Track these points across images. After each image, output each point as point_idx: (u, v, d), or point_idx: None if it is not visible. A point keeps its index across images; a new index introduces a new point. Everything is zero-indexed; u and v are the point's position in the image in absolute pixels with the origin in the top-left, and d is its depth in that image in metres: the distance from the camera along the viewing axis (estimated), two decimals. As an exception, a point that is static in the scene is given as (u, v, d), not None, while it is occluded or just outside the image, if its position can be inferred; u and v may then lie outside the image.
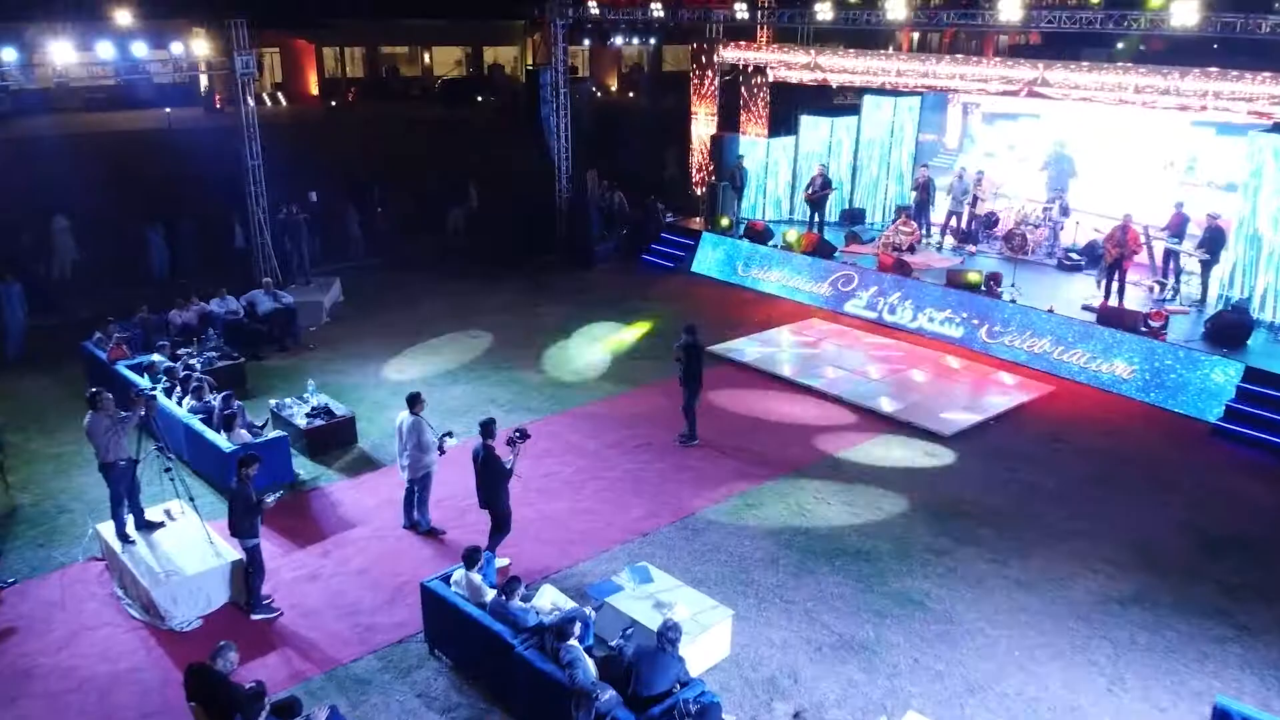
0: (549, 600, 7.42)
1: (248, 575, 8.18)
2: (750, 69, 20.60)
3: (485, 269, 19.25)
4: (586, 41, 45.24)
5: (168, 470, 8.78)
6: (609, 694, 6.24)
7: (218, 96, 48.22)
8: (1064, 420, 12.31)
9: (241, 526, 8.07)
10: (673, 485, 10.50)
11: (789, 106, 20.87)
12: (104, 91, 49.82)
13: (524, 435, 8.64)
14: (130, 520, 8.73)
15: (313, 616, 8.21)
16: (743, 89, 21.07)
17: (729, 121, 21.50)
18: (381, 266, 19.26)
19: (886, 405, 12.54)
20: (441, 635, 7.58)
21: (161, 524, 8.89)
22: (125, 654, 7.86)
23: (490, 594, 7.24)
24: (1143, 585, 8.81)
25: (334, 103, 47.39)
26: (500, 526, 8.66)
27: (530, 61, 57.32)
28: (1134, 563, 9.16)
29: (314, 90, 54.60)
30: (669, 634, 6.46)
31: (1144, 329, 13.26)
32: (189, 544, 8.56)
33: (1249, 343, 13.05)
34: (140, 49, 15.14)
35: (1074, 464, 11.15)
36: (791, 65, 19.33)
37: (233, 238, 18.21)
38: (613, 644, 6.87)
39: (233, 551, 8.42)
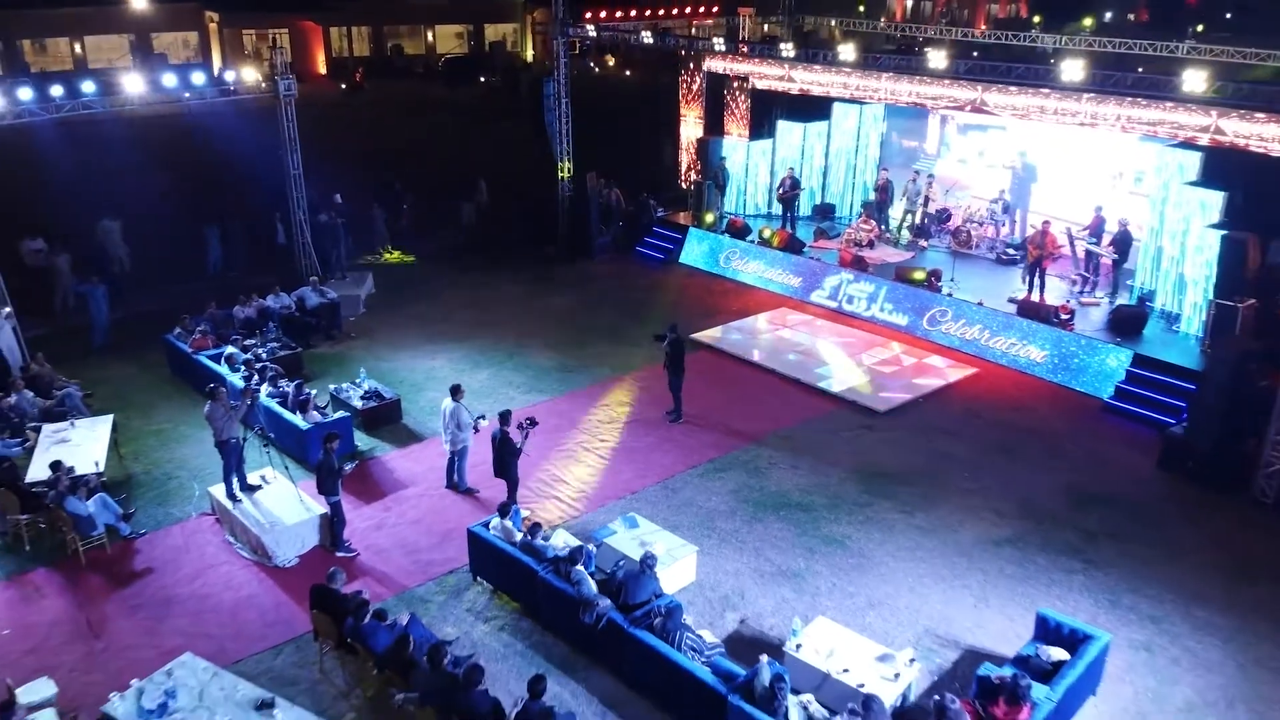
0: (562, 540, 10.01)
1: (332, 524, 10.79)
2: (733, 76, 22.84)
3: (497, 261, 21.68)
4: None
5: (267, 446, 11.36)
6: (605, 602, 8.85)
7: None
8: (983, 398, 14.89)
9: (327, 486, 10.67)
10: (658, 454, 13.08)
11: (768, 111, 23.17)
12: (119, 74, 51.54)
13: (533, 423, 11.18)
14: (236, 484, 11.30)
15: (382, 554, 10.82)
16: (726, 94, 23.34)
17: (714, 125, 23.80)
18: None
19: (835, 386, 15.09)
20: (482, 567, 10.20)
21: (259, 486, 11.47)
22: (244, 584, 10.49)
23: (519, 535, 9.84)
24: (1018, 530, 11.42)
25: (344, 85, 49.26)
26: (511, 490, 11.24)
27: (530, 37, 59.23)
28: (1015, 513, 11.77)
29: (322, 70, 56.42)
30: (648, 561, 9.07)
31: (1055, 320, 15.78)
32: (284, 501, 11.16)
33: (1144, 332, 15.59)
34: (199, 77, 17.51)
35: (984, 434, 13.74)
36: (768, 76, 21.57)
37: (275, 236, 20.69)
38: (608, 570, 9.47)
39: (318, 506, 11.01)
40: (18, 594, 10.47)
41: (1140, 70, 19.12)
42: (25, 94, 15.84)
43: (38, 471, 11.58)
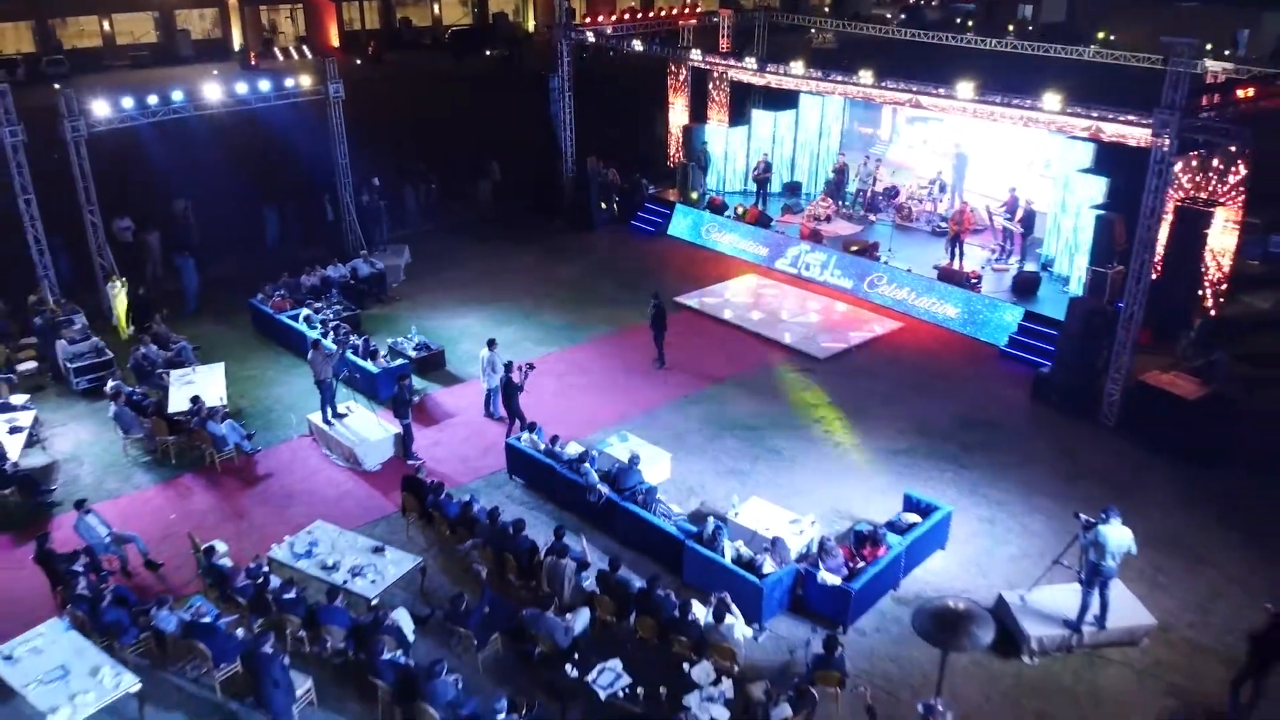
0: (573, 448, 13.86)
1: (404, 440, 14.67)
2: (714, 70, 26.26)
3: (510, 233, 25.33)
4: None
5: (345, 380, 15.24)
6: (604, 488, 12.74)
7: (252, 54, 53.37)
8: (904, 346, 18.73)
9: (400, 412, 14.54)
10: (644, 392, 16.91)
11: (744, 101, 26.65)
12: (147, 49, 54.93)
13: (531, 367, 14.99)
14: (330, 412, 15.16)
15: (441, 461, 14.69)
16: (709, 84, 26.77)
17: (698, 113, 27.31)
18: (433, 232, 25.35)
19: (788, 338, 18.90)
20: (516, 468, 14.10)
21: (346, 414, 15.33)
22: (342, 483, 14.41)
23: (542, 445, 13.72)
24: (912, 444, 15.30)
25: (359, 60, 52.28)
26: (514, 419, 14.98)
27: (531, 7, 62.04)
28: (913, 431, 15.64)
29: (335, 43, 59.35)
30: (633, 460, 12.95)
31: (967, 284, 19.53)
32: (366, 424, 15.04)
33: (1038, 293, 19.34)
34: (264, 85, 21.02)
35: (900, 375, 17.58)
36: (744, 71, 24.98)
37: (325, 214, 24.34)
38: (606, 468, 13.34)
39: (393, 427, 14.88)
40: (174, 492, 14.39)
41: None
42: (127, 103, 19.42)
43: (176, 404, 15.44)
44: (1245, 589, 12.05)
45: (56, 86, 44.93)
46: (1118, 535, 10.53)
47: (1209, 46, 22.43)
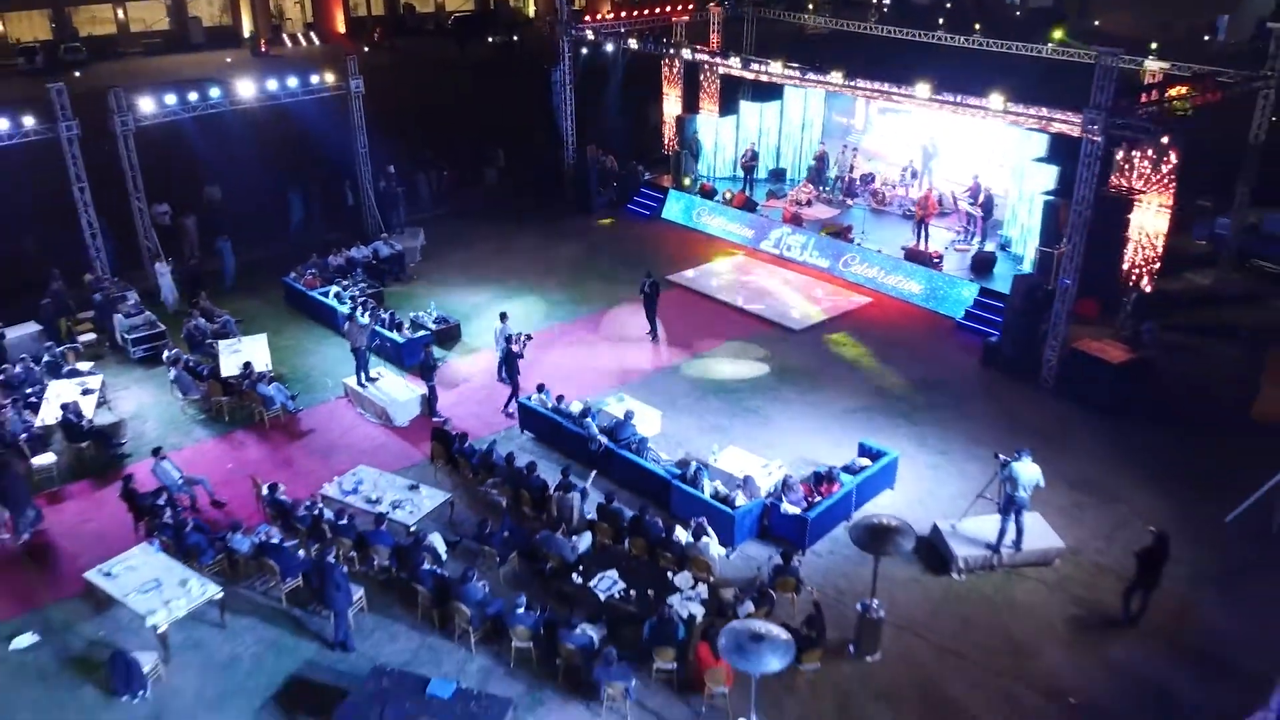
0: (577, 406, 15.98)
1: (430, 400, 16.81)
2: (705, 63, 28.19)
3: (515, 216, 27.35)
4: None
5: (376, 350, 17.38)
6: (603, 439, 14.89)
7: (262, 40, 55.14)
8: (872, 319, 20.86)
9: (426, 376, 16.68)
10: (638, 360, 19.04)
11: (734, 92, 28.61)
12: (160, 36, 56.65)
13: (529, 338, 17.11)
14: (363, 376, 17.30)
15: (461, 419, 16.79)
16: (701, 76, 28.69)
17: (690, 103, 29.27)
18: (445, 216, 27.37)
19: (768, 312, 21.01)
20: (528, 423, 16.26)
21: (377, 378, 17.46)
22: (377, 437, 16.57)
23: (550, 404, 15.86)
24: (872, 403, 17.44)
25: (366, 47, 53.95)
26: (515, 386, 17.08)
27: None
28: (873, 393, 17.79)
29: (341, 29, 61.00)
30: (628, 415, 15.10)
31: (930, 263, 21.62)
32: (396, 386, 17.18)
33: (994, 271, 21.43)
34: (292, 81, 22.97)
35: (866, 344, 19.72)
36: (728, 66, 26.88)
37: (345, 199, 26.36)
38: (605, 423, 15.47)
39: (419, 389, 17.03)
40: (229, 445, 16.54)
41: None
42: (170, 99, 21.41)
43: (228, 370, 17.56)
44: (1147, 521, 14.22)
45: (78, 74, 46.87)
46: (1028, 471, 12.72)
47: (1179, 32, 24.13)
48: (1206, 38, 49.15)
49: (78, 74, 46.93)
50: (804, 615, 11.60)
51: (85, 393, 17.05)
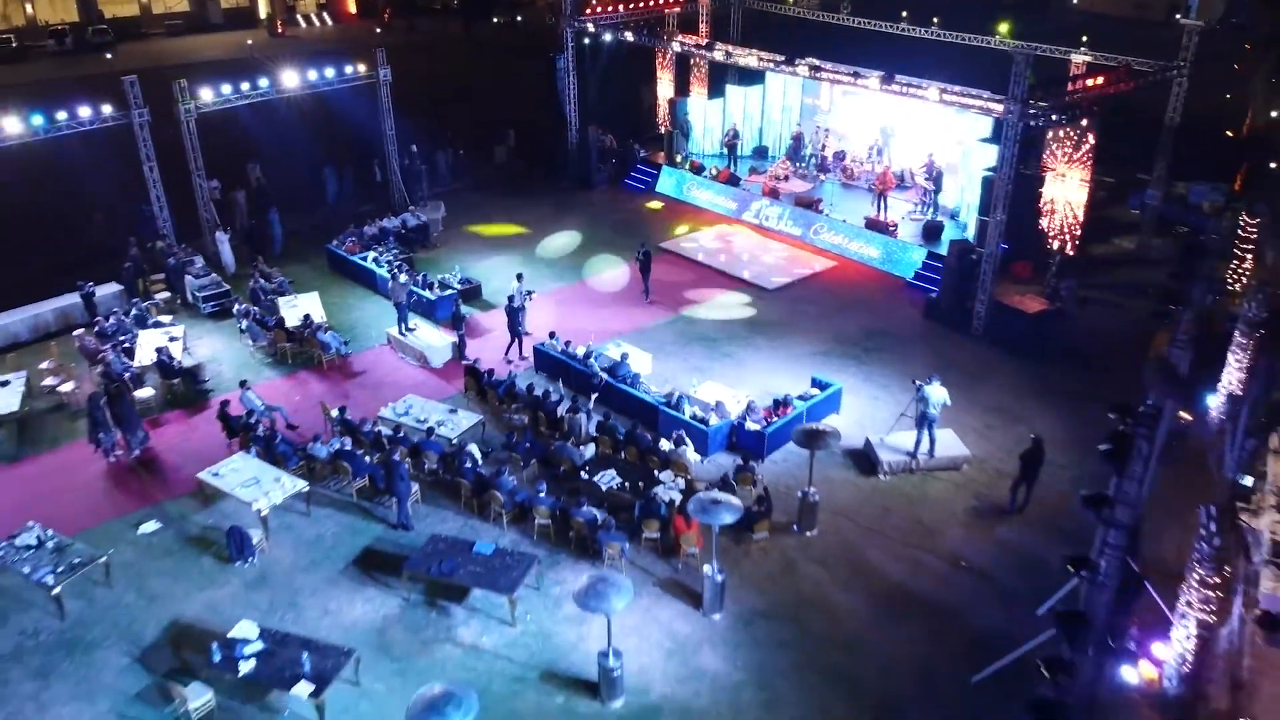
0: (582, 350, 19.38)
1: (459, 346, 20.21)
2: (695, 50, 31.25)
3: (524, 190, 30.58)
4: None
5: (412, 305, 20.77)
6: (604, 375, 18.30)
7: (279, 22, 57.98)
8: (835, 280, 24.20)
9: (456, 326, 20.08)
10: (634, 315, 22.39)
11: (721, 77, 31.70)
12: (180, 18, 59.44)
13: (530, 295, 20.43)
14: (403, 326, 20.69)
15: (485, 362, 20.15)
16: (691, 61, 31.77)
17: (682, 86, 32.39)
18: (461, 190, 30.59)
19: (746, 274, 24.34)
20: (542, 365, 19.66)
21: (414, 329, 20.86)
22: (416, 375, 19.98)
23: (560, 348, 19.27)
24: (828, 348, 20.84)
25: (379, 28, 56.72)
26: (517, 342, 20.43)
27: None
28: (830, 340, 21.18)
29: (352, 9, 63.72)
30: (625, 357, 18.52)
31: (887, 231, 24.92)
32: (431, 335, 20.59)
33: (942, 237, 24.72)
34: (329, 71, 26.11)
35: (828, 300, 23.08)
36: (715, 55, 29.96)
37: (373, 175, 29.58)
38: (604, 365, 18.88)
39: (451, 337, 20.42)
40: (294, 382, 19.95)
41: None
42: (226, 89, 24.59)
43: (291, 321, 20.92)
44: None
45: (109, 56, 49.78)
46: (937, 393, 16.14)
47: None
48: (1178, 16, 51.92)
49: (109, 56, 49.93)
50: (754, 496, 15.09)
51: (171, 340, 20.45)
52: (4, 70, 48.54)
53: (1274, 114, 39.75)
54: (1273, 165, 32.28)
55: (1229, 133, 36.77)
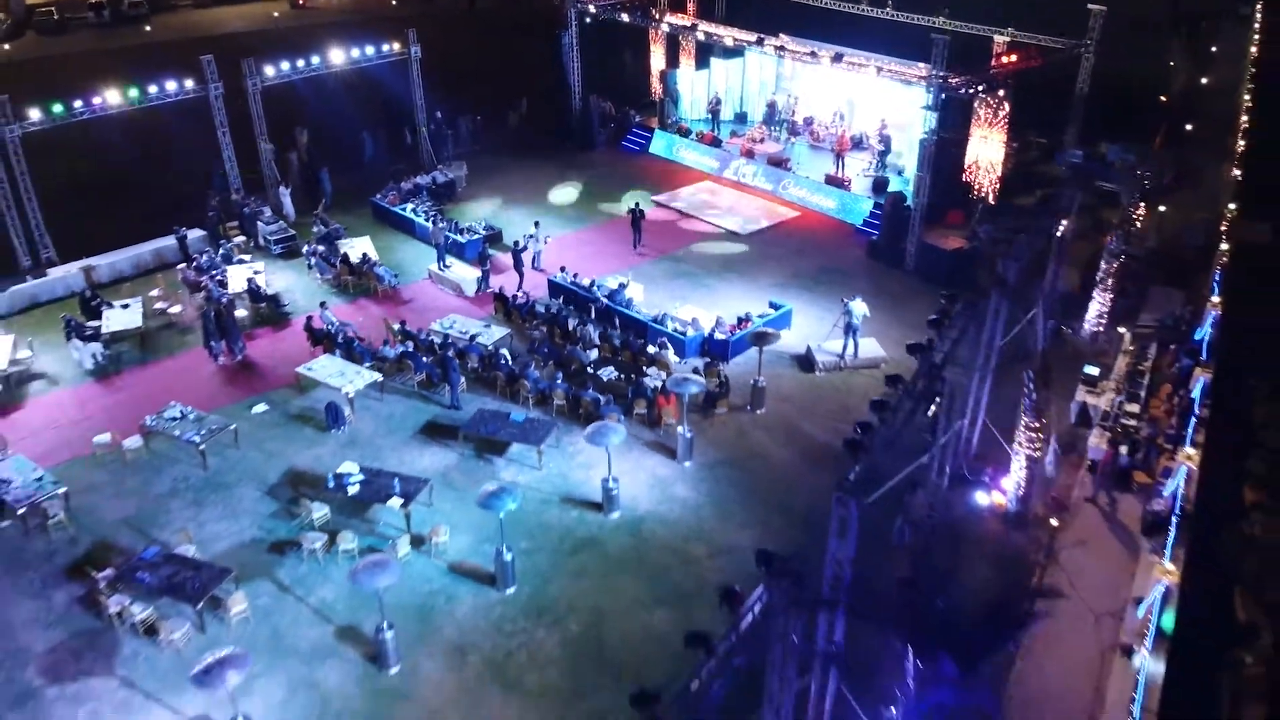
0: (587, 281, 24.22)
1: (484, 279, 25.07)
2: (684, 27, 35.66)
3: (534, 152, 35.19)
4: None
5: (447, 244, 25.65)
6: (605, 299, 23.17)
7: (300, -4, 61.62)
8: (797, 227, 29.00)
9: (483, 263, 24.94)
10: (628, 257, 27.22)
11: (708, 50, 36.14)
12: (206, -12, 63.04)
13: (532, 238, 25.23)
14: (441, 264, 25.53)
15: (507, 291, 25.10)
16: (680, 38, 36.18)
17: (672, 58, 36.85)
18: (479, 153, 35.20)
19: (728, 224, 29.12)
20: (555, 292, 24.55)
21: (450, 265, 25.71)
22: (453, 302, 24.91)
23: (569, 279, 24.12)
24: (788, 281, 25.68)
25: (394, 1, 60.48)
26: (520, 274, 25.21)
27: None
28: (789, 274, 26.02)
29: (363, -19, 67.04)
30: (622, 286, 23.40)
31: (842, 185, 29.64)
32: (463, 270, 25.47)
33: (889, 190, 29.42)
34: (370, 49, 30.59)
35: (790, 243, 27.90)
36: (697, 34, 34.34)
37: (404, 139, 34.21)
38: (605, 292, 23.74)
39: (477, 272, 25.29)
40: (356, 307, 24.82)
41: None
42: (285, 65, 29.17)
43: (353, 258, 25.76)
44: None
45: (148, 29, 53.95)
46: (859, 307, 21.04)
47: None
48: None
49: (147, 28, 54.13)
50: (716, 382, 20.10)
51: (255, 273, 25.30)
52: (49, 42, 52.90)
53: (1203, 81, 44.31)
54: (1189, 127, 37.04)
55: (1163, 97, 41.39)
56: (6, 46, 52.01)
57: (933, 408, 14.81)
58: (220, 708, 13.39)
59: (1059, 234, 19.82)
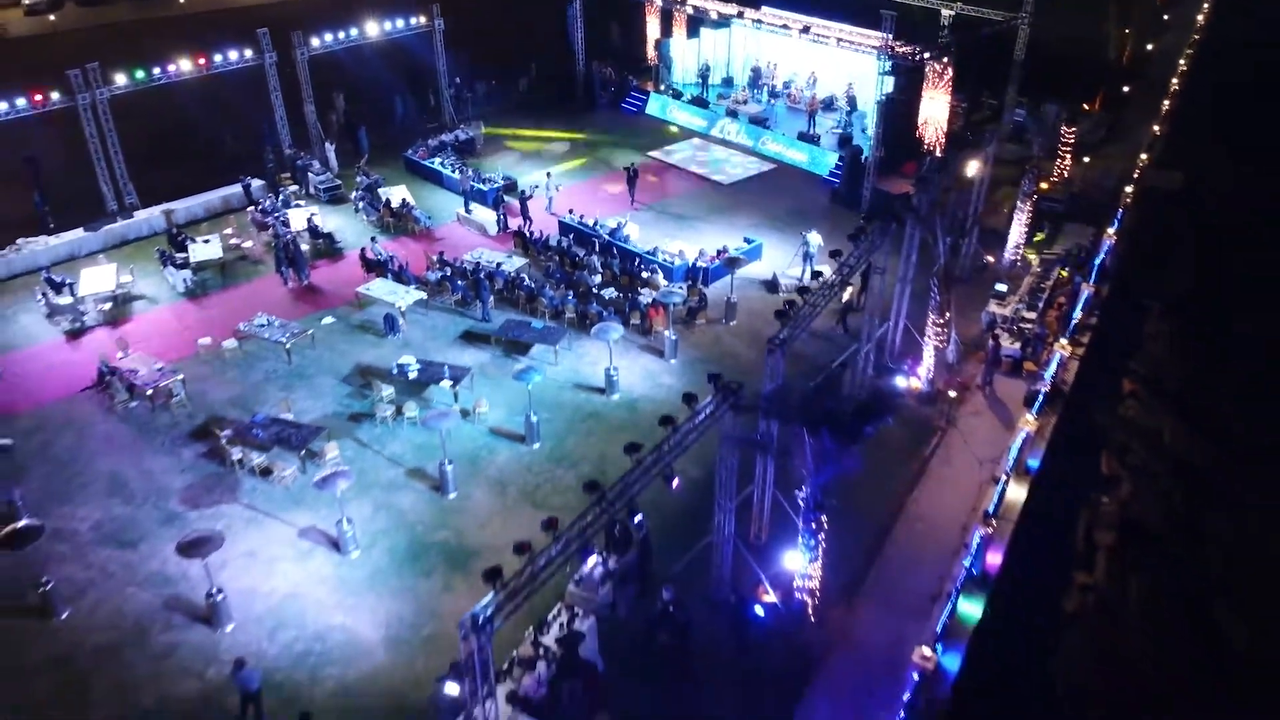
0: (591, 221, 28.84)
1: (501, 221, 29.70)
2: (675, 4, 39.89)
3: (543, 112, 39.64)
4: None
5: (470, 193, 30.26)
6: (607, 235, 27.84)
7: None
8: (773, 177, 33.59)
9: (498, 209, 29.57)
10: (624, 203, 31.85)
11: (699, 22, 40.44)
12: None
13: (558, 187, 29.81)
14: (467, 207, 30.15)
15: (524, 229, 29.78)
16: (673, 9, 40.42)
17: (666, 29, 41.14)
18: (494, 113, 39.64)
19: (713, 174, 33.69)
20: (565, 232, 29.19)
21: (473, 210, 30.34)
22: (478, 239, 29.56)
23: (576, 219, 28.75)
24: (762, 221, 30.32)
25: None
26: (526, 218, 29.83)
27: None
28: (763, 216, 30.66)
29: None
30: (620, 225, 28.04)
31: (813, 141, 34.15)
32: (486, 214, 30.11)
33: (854, 144, 33.94)
34: (400, 23, 34.93)
35: (766, 191, 32.49)
36: (686, 9, 38.52)
37: (428, 101, 38.63)
38: (606, 230, 28.39)
39: (495, 215, 29.93)
40: (398, 244, 29.48)
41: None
42: (328, 37, 33.56)
43: (394, 202, 30.39)
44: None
45: (182, 0, 57.30)
46: (814, 238, 25.72)
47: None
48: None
49: (182, 0, 58.07)
50: (696, 299, 24.87)
51: (311, 216, 29.93)
52: (88, 12, 56.89)
53: (1149, 47, 48.58)
54: (1125, 89, 41.51)
55: (1111, 61, 45.71)
56: (52, 18, 56.09)
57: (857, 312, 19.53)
58: (324, 521, 18.32)
59: (973, 175, 24.44)
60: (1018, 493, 19.06)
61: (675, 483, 13.85)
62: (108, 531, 18.62)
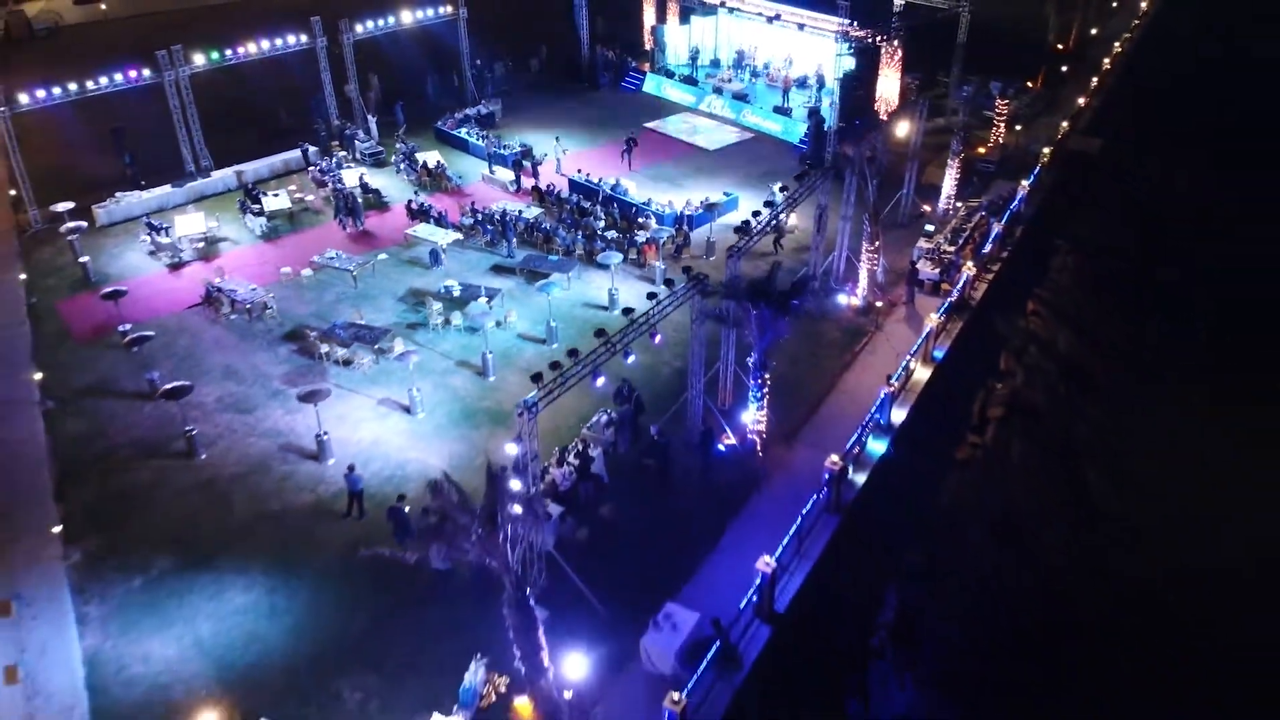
0: (595, 178, 34.52)
1: (517, 181, 35.41)
2: (670, -7, 45.48)
3: (552, 91, 45.28)
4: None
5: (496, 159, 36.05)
6: (609, 191, 33.53)
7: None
8: (751, 144, 39.29)
9: (517, 171, 35.30)
10: (622, 169, 37.55)
11: (691, 9, 46.03)
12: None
13: (566, 151, 35.49)
14: (490, 168, 35.87)
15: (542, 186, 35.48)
16: None
17: (661, 15, 46.73)
18: (509, 91, 45.27)
19: (701, 142, 39.38)
20: (575, 189, 34.93)
21: (495, 172, 36.06)
22: (501, 195, 35.25)
23: (583, 177, 34.47)
24: (741, 180, 36.00)
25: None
26: (537, 177, 35.55)
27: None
28: (741, 176, 36.32)
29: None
30: (619, 180, 33.76)
31: (787, 114, 39.80)
32: (506, 174, 35.83)
33: (822, 115, 39.56)
34: (429, 12, 40.54)
35: (745, 155, 38.22)
36: (685, -5, 44.17)
37: (453, 80, 44.27)
38: (608, 187, 34.09)
39: (512, 175, 35.66)
40: (434, 199, 35.21)
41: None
42: (370, 25, 39.21)
43: (430, 165, 36.13)
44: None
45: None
46: (778, 190, 31.43)
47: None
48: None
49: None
50: (682, 239, 30.66)
51: (361, 175, 35.67)
52: (130, 1, 62.38)
53: (1093, 31, 54.09)
54: (1064, 69, 47.13)
55: (1059, 45, 51.23)
56: (103, 6, 61.68)
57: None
58: (396, 394, 24.16)
59: (904, 136, 30.18)
60: (923, 373, 24.87)
61: (658, 339, 19.66)
62: (228, 403, 24.48)
